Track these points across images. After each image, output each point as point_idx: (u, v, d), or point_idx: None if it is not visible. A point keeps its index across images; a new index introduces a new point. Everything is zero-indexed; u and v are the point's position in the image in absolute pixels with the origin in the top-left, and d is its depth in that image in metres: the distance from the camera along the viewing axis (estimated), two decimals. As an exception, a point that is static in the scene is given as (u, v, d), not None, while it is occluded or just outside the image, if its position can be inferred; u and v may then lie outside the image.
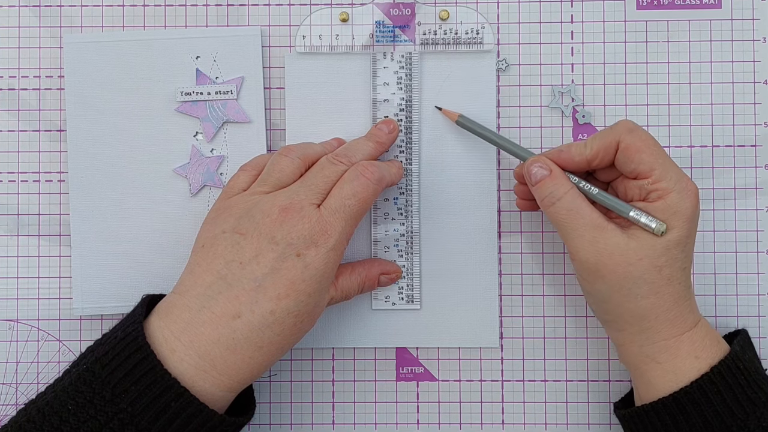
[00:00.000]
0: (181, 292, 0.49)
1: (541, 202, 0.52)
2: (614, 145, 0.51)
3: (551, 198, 0.51)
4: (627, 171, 0.51)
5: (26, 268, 0.59)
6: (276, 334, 0.48)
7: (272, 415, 0.59)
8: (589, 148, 0.51)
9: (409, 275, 0.58)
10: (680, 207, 0.49)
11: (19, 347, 0.59)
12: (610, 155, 0.51)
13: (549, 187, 0.51)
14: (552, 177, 0.51)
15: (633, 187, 0.51)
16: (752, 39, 0.59)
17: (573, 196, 0.51)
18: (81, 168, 0.58)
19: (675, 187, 0.49)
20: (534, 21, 0.59)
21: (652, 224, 0.49)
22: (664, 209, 0.49)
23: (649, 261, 0.49)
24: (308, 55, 0.59)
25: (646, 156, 0.50)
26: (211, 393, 0.48)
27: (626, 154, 0.50)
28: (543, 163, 0.52)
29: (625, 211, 0.50)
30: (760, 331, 0.58)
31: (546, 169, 0.52)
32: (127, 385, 0.46)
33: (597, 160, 0.52)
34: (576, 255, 0.50)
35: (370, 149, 0.55)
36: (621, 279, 0.49)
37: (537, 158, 0.53)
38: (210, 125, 0.58)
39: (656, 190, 0.50)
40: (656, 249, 0.49)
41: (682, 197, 0.49)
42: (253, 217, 0.50)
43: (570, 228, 0.50)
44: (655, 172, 0.50)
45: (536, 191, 0.52)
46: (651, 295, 0.49)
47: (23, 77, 0.59)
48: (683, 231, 0.49)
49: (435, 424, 0.59)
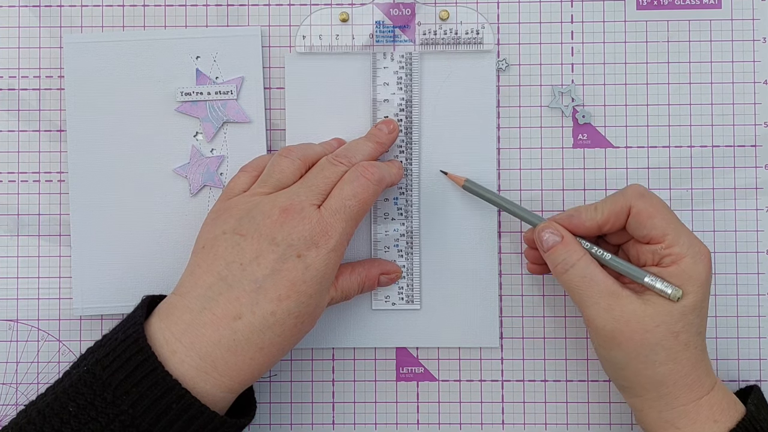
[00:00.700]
0: (182, 293, 0.49)
1: (554, 269, 0.52)
2: (625, 210, 0.51)
3: (564, 265, 0.51)
4: (639, 236, 0.51)
5: (26, 268, 0.59)
6: (277, 335, 0.48)
7: (272, 415, 0.59)
8: (600, 212, 0.51)
9: (409, 275, 0.58)
10: (694, 272, 0.49)
11: (19, 347, 0.59)
12: (622, 220, 0.51)
13: (561, 254, 0.51)
14: (564, 243, 0.51)
15: (646, 251, 0.51)
16: (752, 39, 0.59)
17: (586, 263, 0.50)
18: (81, 168, 0.58)
19: (688, 252, 0.49)
20: (534, 21, 0.59)
21: (668, 290, 0.49)
22: (678, 274, 0.49)
23: (666, 327, 0.49)
24: (308, 55, 0.59)
25: (658, 221, 0.50)
26: (212, 394, 0.48)
27: (638, 219, 0.50)
28: (554, 229, 0.52)
29: (639, 277, 0.50)
30: (760, 331, 0.59)
31: (557, 235, 0.51)
32: (128, 387, 0.46)
33: (608, 225, 0.51)
34: (592, 323, 0.50)
35: (370, 149, 0.55)
36: (638, 346, 0.49)
37: (548, 224, 0.52)
38: (210, 125, 0.58)
39: (669, 255, 0.50)
40: (673, 315, 0.49)
41: (696, 262, 0.49)
42: (253, 218, 0.50)
43: (585, 296, 0.50)
44: (668, 237, 0.50)
45: (548, 258, 0.52)
46: (669, 362, 0.49)
47: (23, 77, 0.59)
48: (698, 296, 0.49)
49: (435, 424, 0.59)
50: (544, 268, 0.55)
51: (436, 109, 0.58)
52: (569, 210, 0.53)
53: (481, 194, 0.56)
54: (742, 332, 0.58)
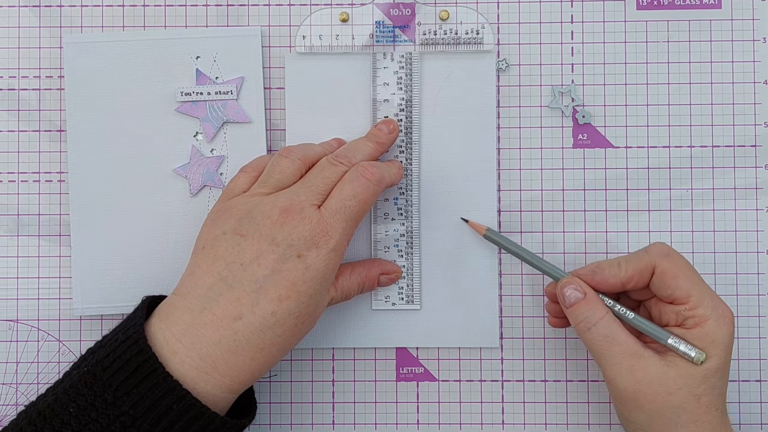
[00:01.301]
0: (182, 293, 0.49)
1: (576, 327, 0.51)
2: (650, 269, 0.51)
3: (586, 323, 0.50)
4: (663, 295, 0.51)
5: (26, 268, 0.59)
6: (277, 336, 0.48)
7: (272, 415, 0.59)
8: (624, 270, 0.51)
9: (409, 275, 0.58)
10: (718, 335, 0.49)
11: (19, 347, 0.59)
12: (645, 279, 0.51)
13: (584, 312, 0.51)
14: (587, 301, 0.51)
15: (669, 311, 0.51)
16: (752, 39, 0.59)
17: (608, 322, 0.50)
18: (81, 168, 0.58)
19: (712, 315, 0.49)
20: (534, 21, 0.59)
21: (692, 353, 0.49)
22: (702, 337, 0.49)
23: (689, 390, 0.49)
24: (308, 55, 0.59)
25: (682, 282, 0.50)
26: (213, 395, 0.48)
27: (662, 279, 0.50)
28: (577, 285, 0.52)
29: (663, 339, 0.50)
30: (760, 331, 0.59)
31: (580, 292, 0.51)
32: (129, 388, 0.46)
33: (632, 283, 0.51)
34: (613, 383, 0.50)
35: (370, 150, 0.55)
36: (660, 408, 0.49)
37: (570, 280, 0.52)
38: (210, 125, 0.58)
39: (693, 317, 0.49)
40: (695, 378, 0.49)
41: (720, 325, 0.49)
42: (253, 219, 0.50)
43: (607, 355, 0.50)
44: (692, 299, 0.50)
45: (570, 315, 0.52)
46: (690, 424, 0.49)
47: (23, 77, 0.59)
48: (721, 359, 0.49)
49: (435, 424, 0.59)
50: (566, 322, 0.55)
51: (436, 109, 0.58)
52: (591, 265, 0.53)
53: (502, 244, 0.56)
54: (742, 332, 0.58)
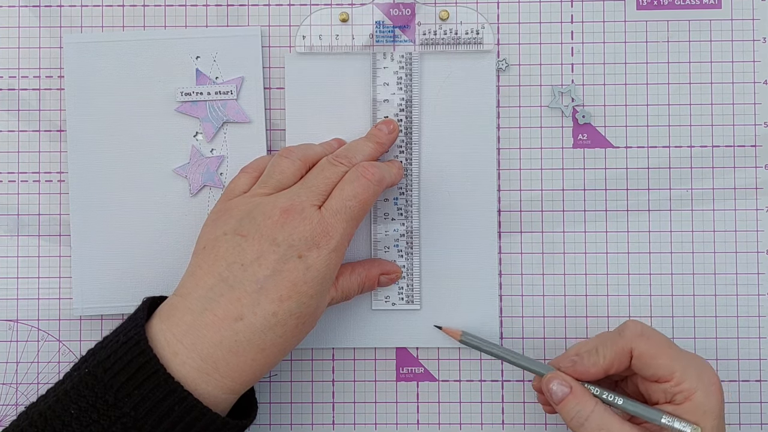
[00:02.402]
0: (183, 294, 0.49)
1: (569, 423, 0.50)
2: (627, 352, 0.50)
3: (579, 418, 0.50)
4: (646, 375, 0.50)
5: (26, 268, 0.59)
6: (278, 336, 0.48)
7: (272, 415, 0.59)
8: (602, 357, 0.51)
9: (409, 275, 0.58)
10: (708, 405, 0.49)
11: (19, 347, 0.59)
12: (625, 362, 0.51)
13: (574, 407, 0.50)
14: (574, 395, 0.50)
15: (656, 389, 0.50)
16: (752, 39, 0.59)
17: (600, 413, 0.49)
18: (81, 168, 0.58)
19: (698, 386, 0.49)
20: (534, 21, 0.59)
21: (687, 429, 0.48)
22: (692, 410, 0.49)
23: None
24: (308, 55, 0.59)
25: (663, 360, 0.49)
26: (214, 396, 0.48)
27: (642, 360, 0.50)
28: (561, 380, 0.51)
29: (656, 419, 0.49)
30: (760, 331, 0.59)
31: (566, 386, 0.51)
32: (130, 389, 0.46)
33: (613, 368, 0.51)
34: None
35: (371, 150, 0.55)
36: None
37: (554, 375, 0.52)
38: (210, 125, 0.58)
39: (681, 392, 0.49)
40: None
41: (708, 395, 0.49)
42: (254, 219, 0.50)
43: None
44: (676, 375, 0.49)
45: (561, 411, 0.51)
46: None
47: (23, 77, 0.59)
48: (716, 428, 0.49)
49: (435, 424, 0.59)
50: None
51: (436, 109, 0.58)
52: (569, 353, 0.52)
53: (481, 347, 0.56)
54: (742, 332, 0.59)
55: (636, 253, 0.59)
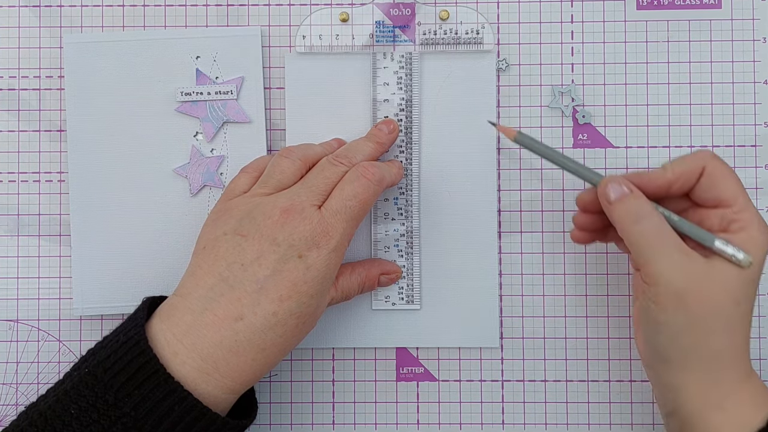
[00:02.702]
0: (183, 294, 0.49)
1: (623, 220, 0.48)
2: (698, 170, 0.49)
3: (636, 216, 0.48)
4: (707, 197, 0.49)
5: (26, 268, 0.59)
6: (278, 336, 0.48)
7: (272, 415, 0.59)
8: (670, 171, 0.49)
9: (409, 275, 0.58)
10: (760, 240, 0.47)
11: (19, 347, 0.59)
12: (692, 180, 0.49)
13: (633, 205, 0.48)
14: (635, 195, 0.49)
15: (712, 216, 0.49)
16: (752, 39, 0.59)
17: (659, 216, 0.48)
18: (81, 168, 0.58)
19: (755, 218, 0.48)
20: (534, 21, 0.59)
21: (740, 255, 0.47)
22: (746, 241, 0.47)
23: (731, 294, 0.47)
24: (308, 55, 0.59)
25: (731, 184, 0.48)
26: (214, 396, 0.48)
27: (712, 179, 0.48)
28: (623, 182, 0.49)
29: (709, 241, 0.48)
30: (760, 331, 0.59)
31: (627, 188, 0.49)
32: (130, 389, 0.46)
33: (678, 185, 0.49)
34: (659, 278, 0.47)
35: (371, 150, 0.55)
36: (702, 309, 0.46)
37: (615, 177, 0.50)
38: (210, 125, 0.58)
39: (739, 221, 0.48)
40: (738, 282, 0.47)
41: (762, 231, 0.48)
42: (254, 219, 0.50)
43: (655, 249, 0.47)
44: (740, 200, 0.48)
45: (616, 209, 0.49)
46: (727, 331, 0.47)
47: (23, 77, 0.59)
48: (761, 267, 0.47)
49: (435, 424, 0.59)
50: (590, 236, 0.53)
51: (436, 109, 0.58)
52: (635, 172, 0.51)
53: (534, 148, 0.54)
54: (742, 332, 0.58)
55: (636, 253, 0.59)
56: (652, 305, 0.48)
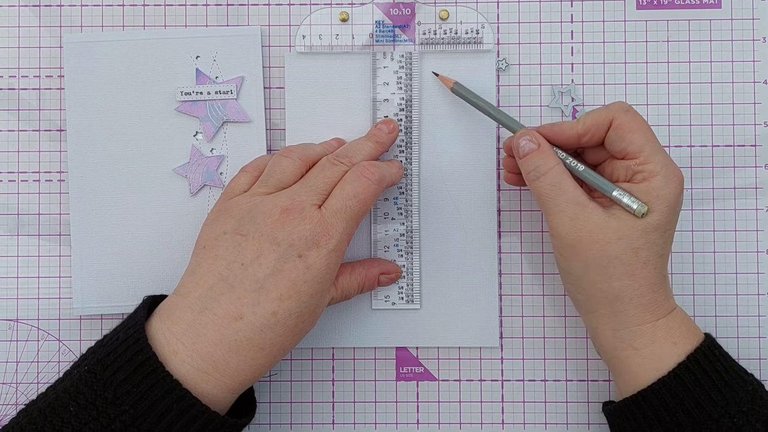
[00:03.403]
0: (183, 293, 0.49)
1: (527, 176, 0.52)
2: (607, 122, 0.51)
3: (536, 172, 0.51)
4: (616, 150, 0.51)
5: (26, 268, 0.59)
6: (278, 335, 0.48)
7: (272, 415, 0.59)
8: (581, 123, 0.52)
9: (409, 275, 0.58)
10: (663, 191, 0.49)
11: (19, 347, 0.59)
12: (602, 132, 0.51)
13: (535, 161, 0.51)
14: (540, 151, 0.51)
15: (619, 167, 0.51)
16: (752, 39, 0.59)
17: (558, 172, 0.51)
18: (81, 168, 0.58)
19: (661, 171, 0.50)
20: (534, 21, 0.59)
21: (634, 205, 0.49)
22: (647, 191, 0.49)
23: (627, 242, 0.49)
24: (308, 55, 0.59)
25: (637, 137, 0.50)
26: (213, 395, 0.48)
27: (618, 132, 0.51)
28: (532, 137, 0.52)
29: (608, 190, 0.50)
30: (760, 331, 0.59)
31: (534, 143, 0.52)
32: (129, 387, 0.46)
33: (587, 136, 0.52)
34: (555, 230, 0.51)
35: (371, 149, 0.55)
36: (597, 257, 0.49)
37: (526, 131, 0.53)
38: (210, 125, 0.58)
39: (642, 172, 0.50)
40: (635, 230, 0.49)
41: (667, 182, 0.49)
42: (254, 218, 0.50)
43: (552, 203, 0.50)
44: (644, 154, 0.50)
45: (522, 164, 0.52)
46: (625, 277, 0.49)
47: (23, 77, 0.59)
48: (664, 216, 0.49)
49: (435, 424, 0.59)
50: (520, 179, 0.55)
51: (436, 109, 0.58)
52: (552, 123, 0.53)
53: (469, 99, 0.56)
54: (742, 332, 0.59)
55: (636, 252, 0.59)
56: (556, 253, 0.52)
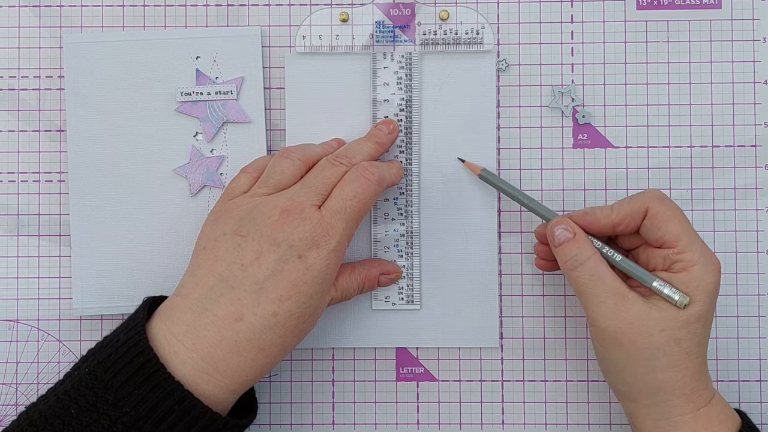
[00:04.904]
0: (183, 294, 0.49)
1: (563, 265, 0.51)
2: (642, 211, 0.51)
3: (574, 262, 0.50)
4: (652, 239, 0.51)
5: (26, 268, 0.59)
6: (278, 336, 0.48)
7: (272, 415, 0.59)
8: (616, 212, 0.51)
9: (409, 275, 0.58)
10: (704, 281, 0.49)
11: (19, 347, 0.59)
12: (637, 221, 0.51)
13: (572, 251, 0.51)
14: (576, 240, 0.51)
15: (657, 256, 0.51)
16: (752, 39, 0.59)
17: (596, 262, 0.50)
18: (81, 168, 0.58)
19: (700, 260, 0.49)
20: (534, 21, 0.59)
21: (675, 296, 0.49)
22: (687, 282, 0.49)
23: (670, 333, 0.48)
24: (308, 55, 0.59)
25: (673, 225, 0.50)
26: (214, 395, 0.48)
27: (654, 221, 0.50)
28: (567, 225, 0.52)
29: (648, 281, 0.50)
30: (760, 331, 0.59)
31: (570, 232, 0.51)
32: (130, 389, 0.46)
33: (623, 225, 0.51)
34: (596, 321, 0.50)
35: (370, 150, 0.55)
36: (640, 349, 0.49)
37: (561, 219, 0.52)
38: (210, 125, 0.58)
39: (680, 261, 0.50)
40: (678, 321, 0.49)
41: (707, 271, 0.49)
42: (254, 219, 0.50)
43: (591, 294, 0.50)
44: (681, 243, 0.50)
45: (559, 253, 0.52)
46: (669, 369, 0.49)
47: (23, 77, 0.59)
48: (705, 305, 0.49)
49: (435, 424, 0.59)
50: (553, 265, 0.55)
51: (436, 109, 0.58)
52: (585, 209, 0.53)
53: (497, 185, 0.56)
54: (742, 332, 0.59)
55: (636, 253, 0.59)
56: (595, 344, 0.51)
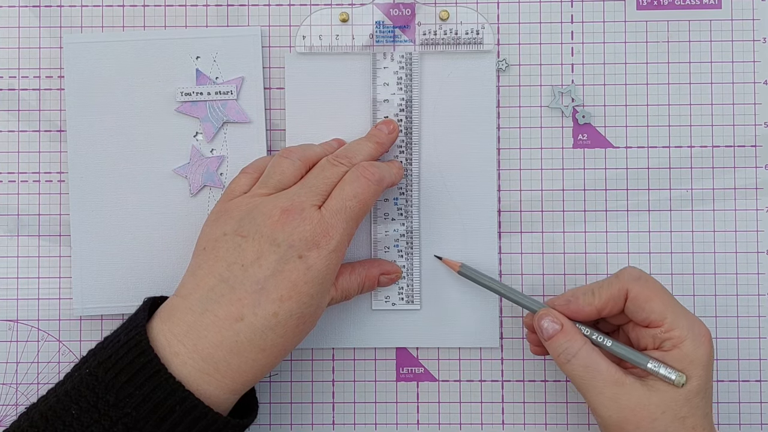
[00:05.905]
0: (184, 295, 0.49)
1: (556, 359, 0.51)
2: (622, 294, 0.51)
3: (566, 355, 0.50)
4: (638, 319, 0.51)
5: (26, 268, 0.59)
6: (279, 336, 0.48)
7: (272, 416, 0.59)
8: (597, 297, 0.51)
9: (409, 275, 0.58)
10: (696, 355, 0.49)
11: (19, 347, 0.59)
12: (620, 304, 0.51)
13: (562, 344, 0.51)
14: (564, 332, 0.51)
15: (646, 335, 0.51)
16: (752, 39, 0.59)
17: (588, 352, 0.50)
18: (81, 168, 0.58)
19: (688, 335, 0.49)
20: (534, 21, 0.59)
21: (672, 376, 0.49)
22: (680, 358, 0.49)
23: (672, 413, 0.48)
24: (308, 55, 0.59)
25: (656, 305, 0.50)
26: (215, 396, 0.48)
27: (636, 303, 0.50)
28: (553, 317, 0.51)
29: (642, 363, 0.50)
30: (760, 331, 0.59)
31: (557, 323, 0.51)
32: (131, 389, 0.46)
33: (606, 310, 0.51)
34: (597, 411, 0.50)
35: (371, 150, 0.55)
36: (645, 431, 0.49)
37: (546, 311, 0.52)
38: (210, 125, 0.58)
39: (670, 339, 0.50)
40: (678, 400, 0.49)
41: (697, 345, 0.49)
42: (254, 219, 0.50)
43: (589, 385, 0.50)
44: (667, 321, 0.50)
45: (549, 347, 0.51)
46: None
47: (23, 77, 0.59)
48: (702, 379, 0.49)
49: (435, 424, 0.59)
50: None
51: (436, 109, 0.58)
52: (566, 294, 0.53)
53: (477, 280, 0.56)
54: (742, 332, 0.59)
55: (636, 253, 0.59)
56: (601, 429, 0.51)
